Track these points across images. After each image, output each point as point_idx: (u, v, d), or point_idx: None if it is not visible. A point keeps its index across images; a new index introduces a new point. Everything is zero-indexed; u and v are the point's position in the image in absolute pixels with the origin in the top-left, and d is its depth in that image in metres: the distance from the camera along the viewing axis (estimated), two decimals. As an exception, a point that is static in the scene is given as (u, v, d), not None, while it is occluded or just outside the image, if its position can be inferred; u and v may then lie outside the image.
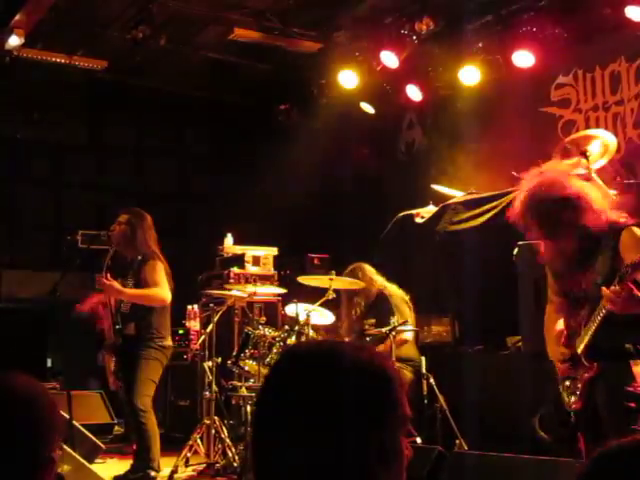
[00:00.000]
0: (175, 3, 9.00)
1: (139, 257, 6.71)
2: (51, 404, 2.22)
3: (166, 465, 6.94)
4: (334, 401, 1.68)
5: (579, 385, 4.41)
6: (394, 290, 7.44)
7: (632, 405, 4.20)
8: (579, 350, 4.35)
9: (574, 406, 4.42)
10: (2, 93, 10.19)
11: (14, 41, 8.77)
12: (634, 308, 4.01)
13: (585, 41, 8.37)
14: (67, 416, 6.45)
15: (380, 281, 7.50)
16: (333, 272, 7.18)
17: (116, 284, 6.58)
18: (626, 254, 4.20)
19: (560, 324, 4.61)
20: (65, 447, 5.58)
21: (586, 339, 4.30)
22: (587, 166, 6.34)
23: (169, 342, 6.77)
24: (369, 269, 7.55)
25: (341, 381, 1.70)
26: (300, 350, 1.87)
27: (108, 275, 6.63)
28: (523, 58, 8.37)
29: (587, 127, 8.29)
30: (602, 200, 4.44)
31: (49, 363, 11.59)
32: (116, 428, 9.21)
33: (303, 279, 7.33)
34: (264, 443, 1.73)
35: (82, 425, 7.35)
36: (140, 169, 11.75)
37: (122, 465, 7.42)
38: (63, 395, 6.71)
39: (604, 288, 4.03)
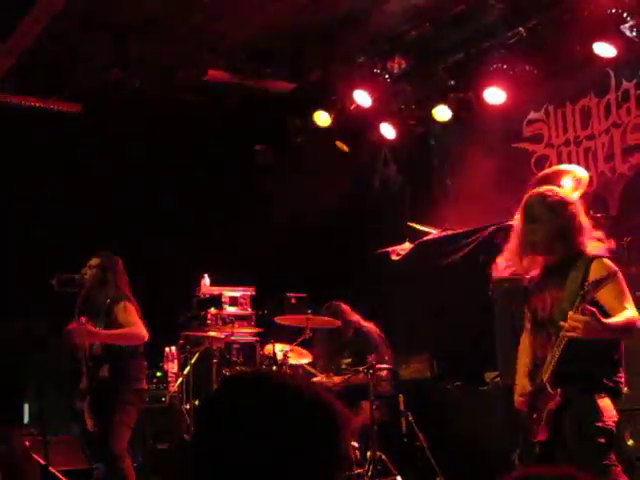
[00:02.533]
0: (149, 45, 9.03)
1: (108, 300, 6.66)
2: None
3: (146, 511, 6.86)
4: (276, 438, 1.66)
5: (543, 415, 4.42)
6: (370, 327, 7.44)
7: (603, 441, 4.22)
8: (544, 377, 4.37)
9: (539, 437, 4.44)
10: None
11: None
12: (596, 333, 4.06)
13: (555, 77, 8.47)
14: (43, 462, 6.37)
15: (356, 319, 7.50)
16: (309, 311, 7.17)
17: (91, 327, 6.52)
18: None
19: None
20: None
21: (551, 366, 4.33)
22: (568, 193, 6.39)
23: (144, 385, 6.70)
24: (345, 307, 7.56)
25: (285, 420, 1.68)
26: (241, 383, 1.84)
27: (82, 319, 6.55)
28: (494, 95, 8.45)
29: (560, 162, 8.37)
30: (588, 229, 4.55)
31: (26, 409, 11.48)
32: (95, 473, 9.09)
33: (280, 319, 7.32)
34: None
35: (60, 471, 7.25)
36: (116, 211, 11.71)
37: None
38: (40, 441, 6.64)
39: (565, 320, 4.08)
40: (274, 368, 6.86)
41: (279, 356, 6.97)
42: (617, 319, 4.18)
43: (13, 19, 7.86)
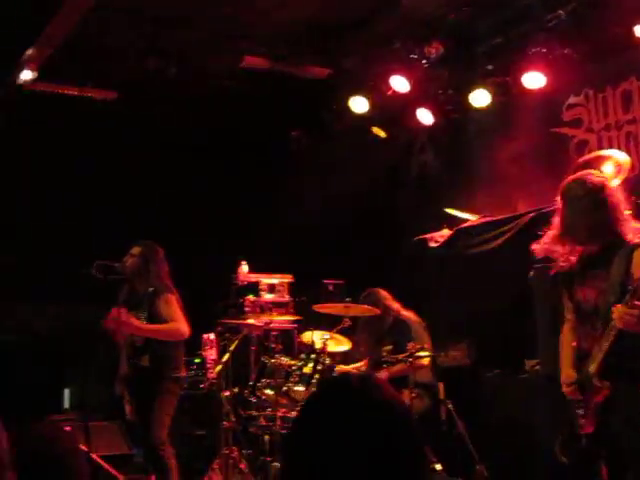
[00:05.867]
0: (185, 33, 9.04)
1: (150, 290, 6.68)
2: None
3: (185, 496, 6.90)
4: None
5: (590, 407, 4.37)
6: (410, 315, 7.40)
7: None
8: (591, 370, 4.32)
9: (585, 430, 4.39)
10: (16, 127, 10.23)
11: (26, 76, 8.83)
12: None
13: (595, 61, 8.35)
14: (86, 449, 6.42)
15: (396, 307, 7.46)
16: (348, 299, 7.15)
17: (135, 320, 6.55)
18: (637, 272, 4.20)
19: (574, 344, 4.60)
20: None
21: (598, 358, 4.28)
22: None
23: (183, 373, 6.74)
24: (385, 295, 7.51)
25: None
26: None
27: (125, 311, 6.59)
28: (533, 79, 8.35)
29: (600, 147, 8.27)
30: (630, 218, 4.49)
31: (66, 395, 11.59)
32: (135, 458, 9.17)
33: (318, 307, 7.30)
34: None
35: (101, 457, 7.32)
36: (153, 199, 11.76)
37: (141, 497, 7.41)
38: (81, 427, 6.69)
39: (615, 307, 4.03)
40: (312, 356, 6.85)
41: (318, 344, 6.96)
42: None
43: (50, 9, 7.89)
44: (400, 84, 9.07)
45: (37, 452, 2.08)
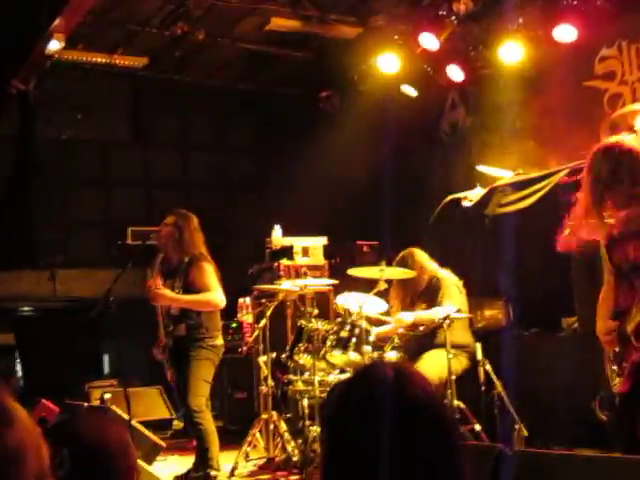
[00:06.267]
0: (210, -3, 9.01)
1: (186, 259, 6.71)
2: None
3: (227, 460, 6.97)
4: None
5: (625, 365, 4.34)
6: (446, 276, 7.36)
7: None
8: (629, 329, 4.28)
9: (620, 388, 4.36)
10: (46, 96, 10.28)
11: (54, 45, 8.84)
12: None
13: (628, 11, 8.18)
14: (126, 416, 6.50)
15: (432, 267, 7.41)
16: (383, 262, 7.12)
17: (168, 292, 6.58)
18: None
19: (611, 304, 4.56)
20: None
21: (637, 318, 4.24)
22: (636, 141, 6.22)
23: (220, 341, 6.77)
24: (421, 255, 7.46)
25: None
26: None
27: (159, 282, 6.62)
28: (565, 32, 8.21)
29: (634, 99, 8.13)
30: None
31: (105, 360, 11.76)
32: (175, 423, 9.30)
33: (353, 271, 7.28)
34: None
35: (141, 422, 7.41)
36: (186, 163, 11.81)
37: (183, 462, 7.50)
38: (121, 393, 6.78)
39: None
40: (349, 320, 6.85)
41: (354, 308, 6.97)
42: None
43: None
44: (429, 41, 8.96)
45: (86, 453, 2.07)
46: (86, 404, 8.26)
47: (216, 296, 6.60)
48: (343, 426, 1.77)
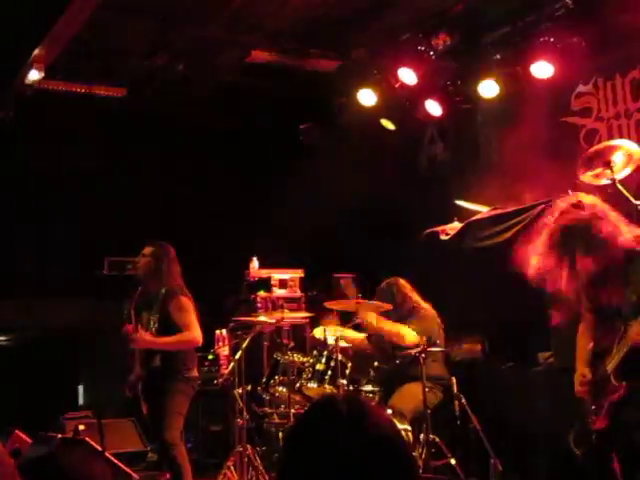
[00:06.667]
0: (191, 29, 9.03)
1: (163, 290, 6.69)
2: None
3: (200, 494, 6.93)
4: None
5: (604, 404, 4.36)
6: (427, 308, 7.38)
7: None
8: (609, 369, 4.31)
9: (597, 425, 4.38)
10: (25, 125, 10.27)
11: (34, 75, 8.84)
12: None
13: (603, 49, 8.29)
14: (100, 448, 6.44)
15: (415, 298, 7.44)
16: (359, 295, 7.14)
17: (148, 336, 6.55)
18: None
19: (591, 343, 4.58)
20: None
21: (617, 358, 4.26)
22: (611, 177, 6.29)
23: (195, 373, 6.73)
24: (404, 285, 7.49)
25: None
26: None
27: (139, 327, 6.59)
28: (542, 69, 8.32)
29: (610, 135, 8.23)
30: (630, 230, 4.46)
31: (80, 391, 11.65)
32: (149, 455, 9.21)
33: (330, 304, 7.29)
34: None
35: (115, 454, 7.33)
36: (164, 194, 11.79)
37: (156, 495, 7.44)
38: (95, 425, 6.73)
39: (632, 313, 4.02)
40: (325, 353, 6.85)
41: (330, 340, 6.96)
42: None
43: (58, 7, 7.89)
44: (408, 76, 9.05)
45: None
46: (60, 435, 8.18)
47: (195, 335, 6.58)
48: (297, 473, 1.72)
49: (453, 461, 6.53)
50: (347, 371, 6.83)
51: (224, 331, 9.30)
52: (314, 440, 1.73)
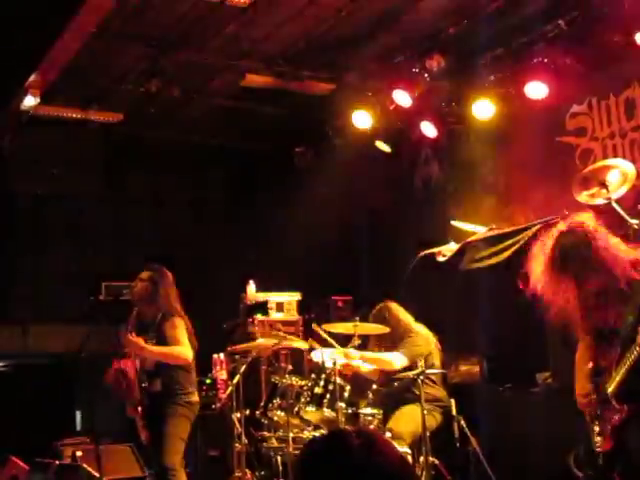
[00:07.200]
0: (186, 54, 9.07)
1: (160, 315, 6.68)
2: None
3: (200, 519, 6.88)
4: None
5: (608, 426, 4.35)
6: (421, 330, 7.37)
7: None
8: (609, 391, 4.29)
9: (602, 447, 4.36)
10: (21, 151, 10.28)
11: (30, 101, 8.85)
12: None
13: (597, 69, 8.33)
14: (97, 474, 6.42)
15: (407, 320, 7.44)
16: (357, 318, 7.13)
17: (140, 341, 6.54)
18: None
19: (590, 363, 4.57)
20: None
21: (617, 380, 4.25)
22: (607, 196, 6.30)
23: (196, 397, 6.72)
24: (396, 308, 7.49)
25: None
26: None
27: (133, 332, 6.59)
28: (536, 89, 8.34)
29: (604, 155, 8.25)
30: (627, 253, 4.46)
31: (78, 417, 11.59)
32: (147, 481, 9.15)
33: (327, 327, 7.29)
34: None
35: (112, 480, 7.31)
36: (161, 218, 11.79)
37: (155, 521, 7.38)
38: (93, 450, 6.69)
39: (631, 333, 4.01)
40: (323, 376, 6.83)
41: (328, 363, 6.94)
42: None
43: (52, 35, 7.91)
44: (402, 98, 9.08)
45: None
46: (57, 462, 8.13)
47: (184, 350, 6.57)
48: None
49: (453, 484, 6.51)
50: (346, 394, 6.79)
51: (222, 355, 9.27)
52: (325, 473, 1.72)
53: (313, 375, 7.03)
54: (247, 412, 7.39)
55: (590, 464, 4.49)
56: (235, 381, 7.45)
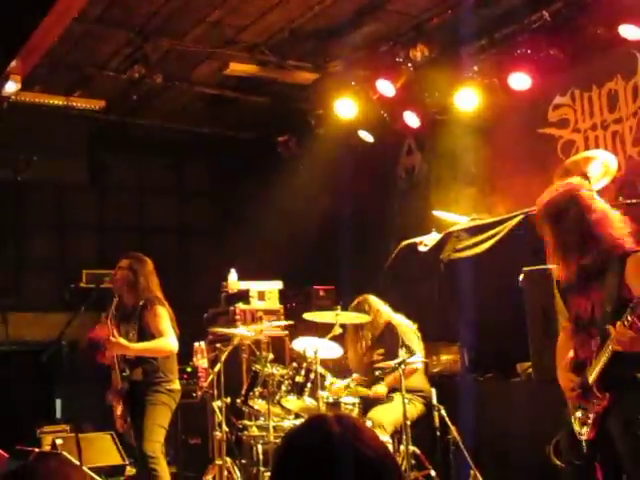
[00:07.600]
0: (169, 41, 9.02)
1: (141, 303, 6.65)
2: None
3: (180, 507, 6.88)
4: None
5: (590, 415, 4.36)
6: (401, 321, 7.38)
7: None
8: (590, 380, 4.30)
9: (587, 436, 4.37)
10: (2, 137, 10.21)
11: (11, 87, 8.78)
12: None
13: (581, 61, 8.35)
14: (77, 462, 6.38)
15: (387, 312, 7.44)
16: (338, 307, 7.13)
17: (122, 341, 6.50)
18: (631, 281, 4.17)
19: (571, 352, 4.58)
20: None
21: (597, 369, 4.26)
22: (588, 187, 6.31)
23: (177, 385, 6.70)
24: (375, 301, 7.49)
25: None
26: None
27: (114, 331, 6.53)
28: (519, 80, 8.36)
29: (586, 147, 8.27)
30: (620, 223, 4.43)
31: (58, 405, 11.55)
32: (128, 469, 9.13)
33: (308, 315, 7.28)
34: None
35: (93, 468, 7.27)
36: (142, 206, 11.76)
37: (135, 509, 7.38)
38: (73, 439, 6.67)
39: (611, 328, 4.02)
40: (304, 365, 6.82)
41: (309, 352, 6.93)
42: None
43: (34, 20, 7.85)
44: (386, 88, 9.08)
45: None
46: (37, 450, 8.10)
47: (169, 342, 6.54)
48: None
49: (433, 473, 6.52)
50: (327, 383, 6.79)
51: (202, 343, 9.23)
52: (305, 460, 1.70)
53: (294, 364, 7.03)
54: (228, 400, 7.36)
55: (573, 453, 4.49)
56: (216, 369, 7.43)
